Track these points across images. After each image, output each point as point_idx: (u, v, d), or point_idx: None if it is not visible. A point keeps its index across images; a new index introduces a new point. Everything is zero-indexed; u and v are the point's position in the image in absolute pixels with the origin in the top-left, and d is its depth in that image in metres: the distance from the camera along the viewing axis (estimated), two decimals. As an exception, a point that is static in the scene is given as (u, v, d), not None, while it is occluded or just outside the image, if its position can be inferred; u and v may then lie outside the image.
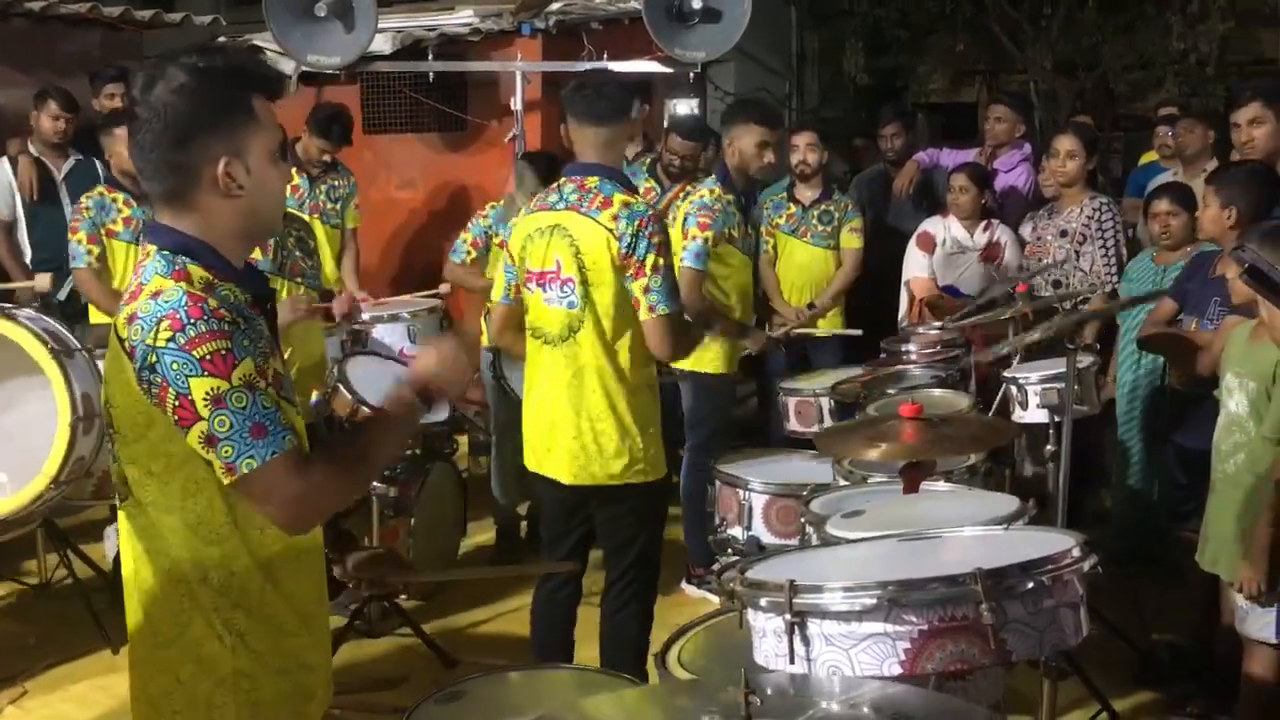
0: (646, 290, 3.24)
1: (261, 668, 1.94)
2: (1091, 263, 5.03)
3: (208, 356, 1.77)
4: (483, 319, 5.32)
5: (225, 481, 1.81)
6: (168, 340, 1.78)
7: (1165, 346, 4.14)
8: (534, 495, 5.44)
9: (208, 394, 1.77)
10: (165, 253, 1.88)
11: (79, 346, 3.98)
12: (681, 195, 5.26)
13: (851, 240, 5.60)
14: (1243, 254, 2.33)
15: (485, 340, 5.24)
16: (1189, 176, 5.33)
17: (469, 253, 5.26)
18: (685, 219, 4.55)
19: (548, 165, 5.00)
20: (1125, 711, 3.74)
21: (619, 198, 3.30)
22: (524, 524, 5.44)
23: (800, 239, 5.63)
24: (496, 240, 5.24)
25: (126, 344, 1.82)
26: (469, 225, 5.33)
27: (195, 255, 1.87)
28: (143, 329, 1.80)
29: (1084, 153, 5.09)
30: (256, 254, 4.14)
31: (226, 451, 1.78)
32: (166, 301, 1.81)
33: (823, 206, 5.64)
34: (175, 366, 1.77)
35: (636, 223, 3.24)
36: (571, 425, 3.36)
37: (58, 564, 4.79)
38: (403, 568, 2.26)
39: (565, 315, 3.34)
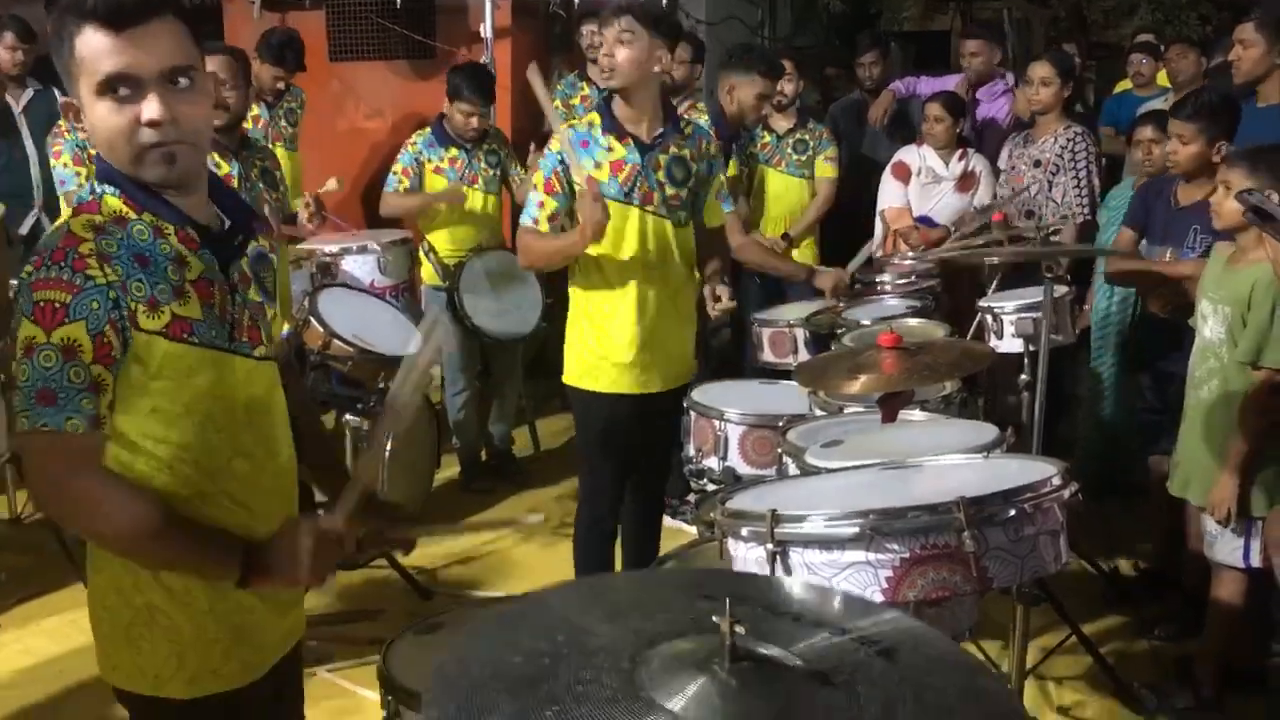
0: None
1: (178, 605, 1.88)
2: (1063, 193, 5.01)
3: (41, 303, 1.70)
4: (422, 255, 5.26)
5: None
6: (27, 274, 1.73)
7: (1136, 279, 4.13)
8: (501, 429, 5.50)
9: (26, 339, 1.70)
10: (91, 182, 1.83)
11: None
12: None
13: (826, 169, 5.57)
14: (1249, 197, 2.31)
15: (433, 278, 5.21)
16: None
17: (401, 182, 5.17)
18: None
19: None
20: (1094, 635, 3.80)
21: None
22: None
23: (775, 168, 5.59)
24: (430, 166, 5.18)
25: None
26: (399, 155, 5.23)
27: (115, 183, 1.80)
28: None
29: (1059, 80, 5.05)
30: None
31: (17, 400, 1.72)
32: (50, 235, 1.78)
33: (798, 135, 5.61)
34: (22, 300, 1.73)
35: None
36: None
37: (27, 499, 4.75)
38: (395, 518, 2.19)
39: None
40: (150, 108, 1.73)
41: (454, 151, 5.19)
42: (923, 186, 5.46)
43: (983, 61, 5.99)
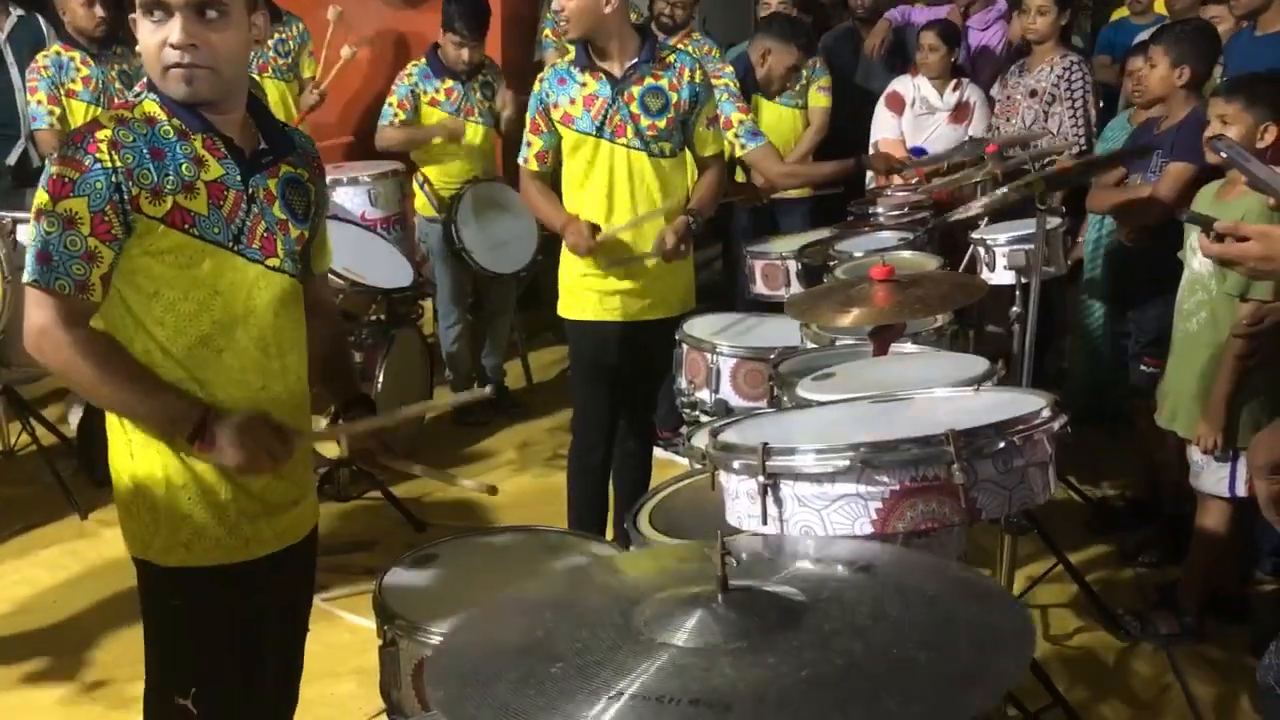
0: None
1: (154, 477, 2.05)
2: (1060, 123, 4.98)
3: (55, 175, 1.92)
4: (416, 187, 5.23)
5: None
6: (55, 149, 1.98)
7: (1113, 207, 4.14)
8: (495, 362, 5.52)
9: (39, 205, 1.93)
10: (144, 91, 2.05)
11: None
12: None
13: (819, 99, 5.52)
14: (1218, 144, 2.30)
15: (427, 209, 5.19)
16: None
17: (397, 114, 5.12)
18: (721, 100, 4.38)
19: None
20: (1080, 563, 3.86)
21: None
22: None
23: (768, 98, 5.54)
24: (425, 98, 5.13)
25: None
26: (393, 88, 5.18)
27: (158, 92, 2.00)
28: None
29: (1056, 7, 4.98)
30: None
31: (27, 258, 1.96)
32: (80, 125, 2.04)
33: None
34: (46, 170, 1.95)
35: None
36: None
37: (20, 431, 4.77)
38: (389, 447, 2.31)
39: None
40: (173, 34, 1.92)
41: (449, 83, 5.13)
42: (916, 117, 5.43)
43: None
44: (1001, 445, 1.89)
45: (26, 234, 1.96)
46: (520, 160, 3.61)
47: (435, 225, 5.14)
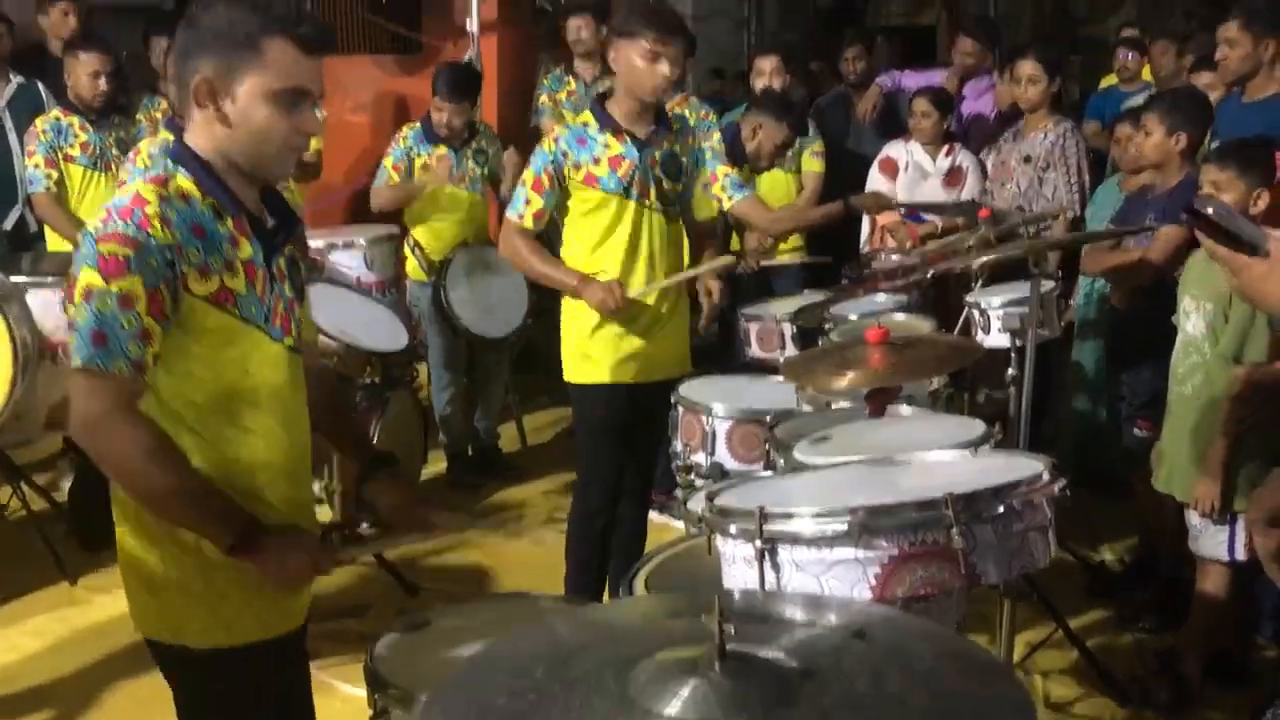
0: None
1: (191, 558, 2.00)
2: (1054, 189, 5.02)
3: (106, 254, 1.85)
4: (408, 251, 5.26)
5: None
6: (95, 226, 1.89)
7: (1106, 270, 4.17)
8: (488, 426, 5.50)
9: (86, 285, 1.86)
10: (165, 161, 2.00)
11: (13, 291, 3.92)
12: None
13: (812, 164, 5.57)
14: (1206, 202, 2.28)
15: (418, 273, 5.21)
16: None
17: (392, 177, 5.19)
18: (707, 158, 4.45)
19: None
20: (1079, 628, 3.82)
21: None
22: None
23: (756, 171, 5.58)
24: (419, 161, 5.18)
25: None
26: (389, 150, 5.25)
27: (187, 166, 1.97)
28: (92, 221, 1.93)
29: (1046, 76, 5.05)
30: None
31: (74, 341, 1.88)
32: (118, 198, 1.92)
33: None
34: (83, 249, 1.89)
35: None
36: None
37: (10, 496, 4.73)
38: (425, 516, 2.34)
39: None
40: (315, 124, 1.99)
41: (442, 149, 5.19)
42: (910, 182, 5.47)
43: (975, 61, 6.01)
44: (1001, 509, 1.88)
45: (74, 317, 1.88)
46: (514, 216, 3.54)
47: (426, 289, 5.17)
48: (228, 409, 1.99)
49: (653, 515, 4.73)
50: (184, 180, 1.96)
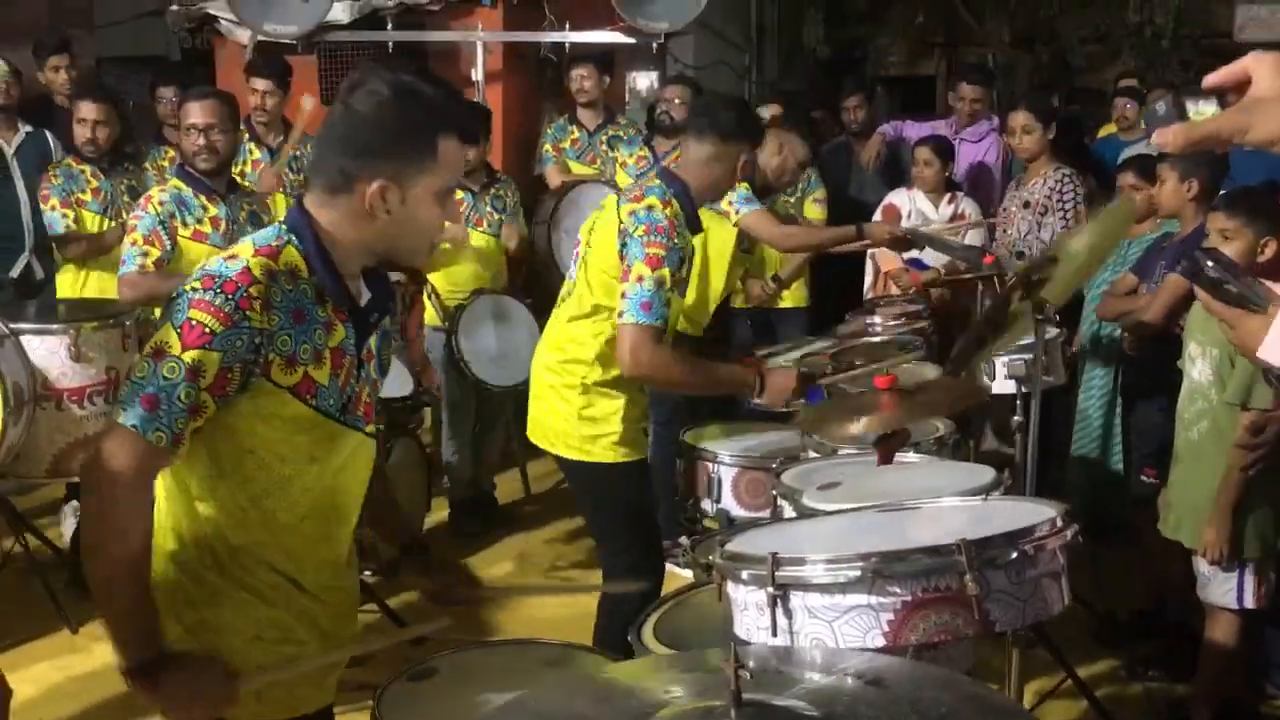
0: (624, 295, 3.09)
1: (227, 628, 1.94)
2: (1052, 233, 5.05)
3: (192, 322, 1.79)
4: (425, 298, 5.28)
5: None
6: (190, 289, 1.82)
7: (1119, 316, 4.19)
8: (480, 476, 5.47)
9: (160, 343, 1.80)
10: (281, 226, 1.93)
11: (7, 333, 3.91)
12: None
13: (815, 211, 5.59)
14: (1204, 257, 2.28)
15: (434, 319, 5.22)
16: None
17: None
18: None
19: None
20: (1088, 677, 3.78)
21: (650, 199, 3.14)
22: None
23: (767, 193, 5.60)
24: None
25: None
26: None
27: (303, 240, 1.90)
28: (195, 273, 1.86)
29: (1039, 126, 5.11)
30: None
31: (124, 389, 1.82)
32: (226, 265, 1.84)
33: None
34: (177, 307, 1.82)
35: (643, 225, 3.09)
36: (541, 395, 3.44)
37: (13, 544, 4.70)
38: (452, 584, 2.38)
39: (567, 286, 3.37)
40: (457, 211, 1.96)
41: (460, 194, 5.20)
42: (913, 229, 5.49)
43: (980, 105, 6.07)
44: (1014, 555, 1.87)
45: (133, 369, 1.83)
46: (655, 323, 3.06)
47: (440, 335, 5.18)
48: (286, 493, 1.93)
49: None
50: (294, 252, 1.89)
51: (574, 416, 3.31)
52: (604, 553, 3.49)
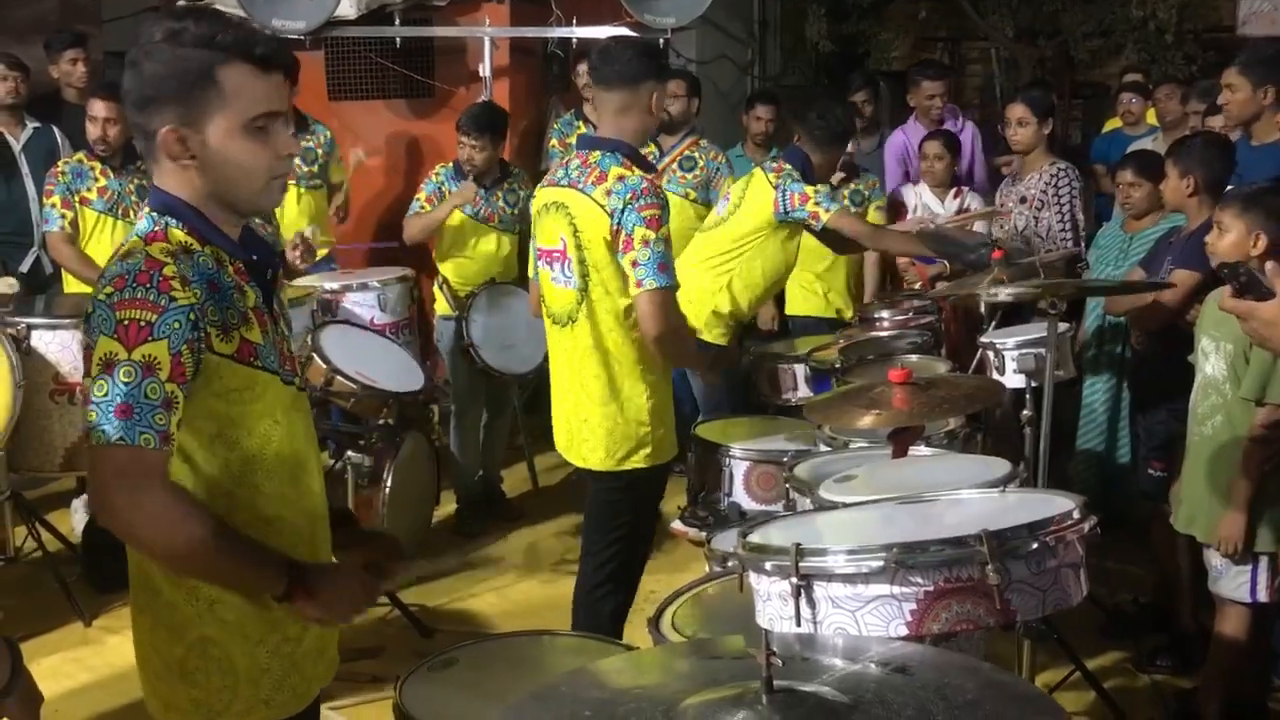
0: (634, 264, 3.13)
1: (232, 636, 1.93)
2: (1048, 227, 5.06)
3: (125, 322, 1.75)
4: (436, 289, 5.31)
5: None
6: (107, 295, 1.78)
7: (1128, 311, 4.20)
8: (491, 466, 5.49)
9: (105, 355, 1.75)
10: (152, 214, 1.88)
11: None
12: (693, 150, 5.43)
13: (878, 219, 5.55)
14: (1231, 273, 2.28)
15: (445, 309, 5.25)
16: (1170, 142, 5.38)
17: (423, 207, 5.26)
18: (788, 184, 4.41)
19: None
20: (1096, 669, 3.80)
21: (615, 171, 3.18)
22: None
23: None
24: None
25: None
26: (422, 185, 5.35)
27: (178, 216, 1.87)
28: (99, 285, 1.81)
29: (1035, 119, 5.11)
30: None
31: (91, 416, 1.75)
32: (127, 262, 1.80)
33: (852, 186, 5.61)
34: (99, 319, 1.77)
35: (627, 195, 3.13)
36: (569, 407, 3.38)
37: (25, 537, 4.72)
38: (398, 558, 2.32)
39: (570, 295, 3.30)
40: (294, 144, 1.91)
41: (438, 173, 5.31)
42: (919, 224, 5.50)
43: (944, 101, 6.08)
44: (1035, 546, 1.88)
45: (92, 391, 1.76)
46: (673, 282, 3.18)
47: (450, 322, 5.21)
48: (264, 465, 1.91)
49: (677, 525, 4.69)
50: (178, 232, 1.85)
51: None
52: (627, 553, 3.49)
